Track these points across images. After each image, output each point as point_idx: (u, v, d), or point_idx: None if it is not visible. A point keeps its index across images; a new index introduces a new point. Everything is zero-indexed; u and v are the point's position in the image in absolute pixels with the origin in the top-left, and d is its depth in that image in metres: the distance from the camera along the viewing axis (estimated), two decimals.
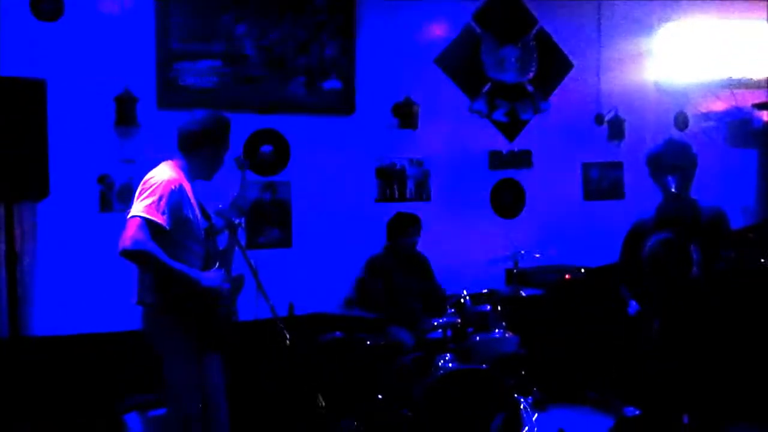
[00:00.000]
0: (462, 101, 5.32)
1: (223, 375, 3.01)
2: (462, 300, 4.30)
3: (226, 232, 3.16)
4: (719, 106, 6.31)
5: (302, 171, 4.78)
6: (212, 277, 2.88)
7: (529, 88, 5.50)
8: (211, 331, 2.89)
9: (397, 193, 5.07)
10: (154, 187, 2.80)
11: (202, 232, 2.97)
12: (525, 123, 5.52)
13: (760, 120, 6.51)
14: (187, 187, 2.94)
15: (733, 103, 6.34)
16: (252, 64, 4.61)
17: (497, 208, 5.45)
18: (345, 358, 4.14)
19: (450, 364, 3.90)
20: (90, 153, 4.22)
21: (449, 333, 4.11)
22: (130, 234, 2.69)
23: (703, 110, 6.23)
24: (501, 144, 5.46)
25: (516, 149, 5.49)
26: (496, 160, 5.42)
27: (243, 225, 3.18)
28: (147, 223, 2.72)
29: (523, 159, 5.50)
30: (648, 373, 3.38)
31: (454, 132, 5.26)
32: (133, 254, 2.69)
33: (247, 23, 4.59)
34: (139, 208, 2.76)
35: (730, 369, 3.37)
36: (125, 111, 4.23)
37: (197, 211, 2.97)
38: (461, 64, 5.28)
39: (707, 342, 3.24)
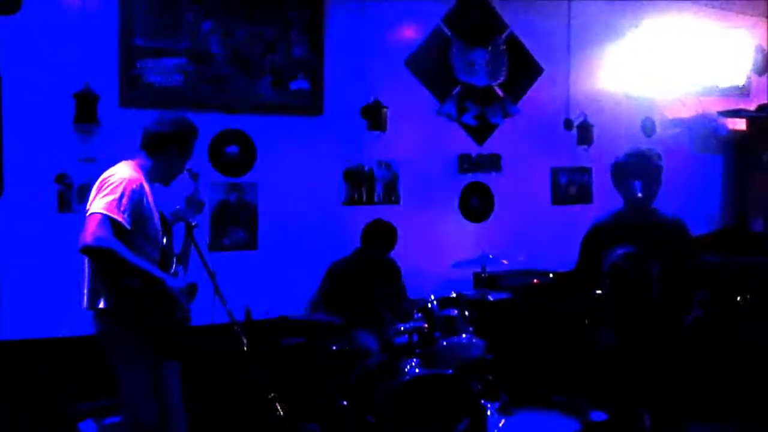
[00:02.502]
0: (431, 104, 5.30)
1: (180, 382, 2.93)
2: (429, 304, 4.26)
3: (182, 232, 3.07)
4: (686, 113, 6.40)
5: (269, 172, 4.71)
6: (174, 280, 2.79)
7: (499, 91, 5.50)
8: (166, 338, 2.81)
9: (365, 195, 5.02)
10: (114, 185, 2.72)
11: (161, 236, 2.88)
12: (494, 127, 5.52)
13: (725, 127, 6.61)
14: (147, 188, 2.86)
15: (700, 110, 6.43)
16: (218, 62, 4.52)
17: (466, 212, 5.43)
18: (309, 363, 4.08)
19: (416, 369, 3.86)
20: (48, 151, 4.08)
21: (415, 337, 4.06)
22: (91, 230, 2.60)
23: (670, 117, 6.31)
24: (470, 147, 5.45)
25: (485, 153, 5.48)
26: (466, 163, 5.41)
27: (198, 226, 3.08)
28: (108, 220, 2.63)
29: (492, 163, 5.49)
30: (609, 377, 3.39)
31: (423, 135, 5.24)
32: (95, 251, 2.60)
33: (213, 21, 4.49)
34: (100, 204, 2.67)
35: (689, 373, 3.39)
36: (85, 108, 4.10)
37: (156, 214, 2.89)
38: (431, 66, 5.26)
39: (664, 353, 3.26)
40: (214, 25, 4.50)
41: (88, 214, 2.68)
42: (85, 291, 2.81)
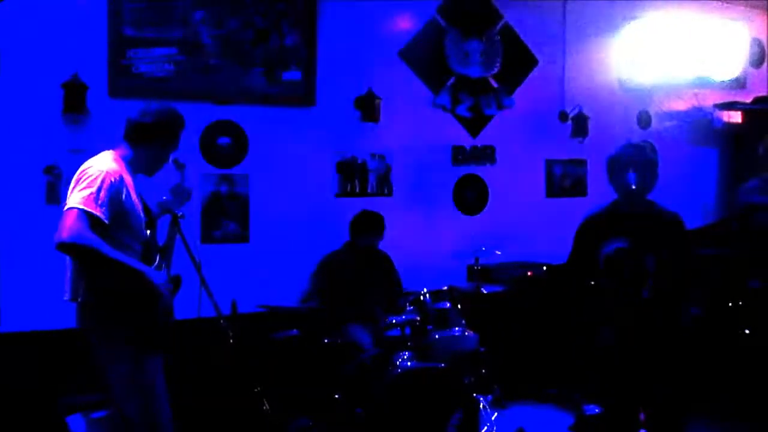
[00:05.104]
0: (425, 95, 5.25)
1: (164, 376, 2.88)
2: (422, 297, 4.23)
3: (167, 226, 3.01)
4: (681, 105, 6.36)
5: (261, 164, 4.66)
6: (157, 274, 2.74)
7: (494, 83, 5.45)
8: (150, 331, 2.76)
9: (358, 187, 4.98)
10: (92, 177, 2.66)
11: (143, 228, 2.83)
12: (489, 118, 5.47)
13: (720, 120, 6.58)
14: (128, 179, 2.80)
15: (695, 103, 6.40)
16: (209, 52, 4.47)
17: (460, 204, 5.40)
18: (302, 356, 4.04)
19: (408, 363, 3.83)
20: (36, 142, 4.02)
21: (408, 331, 4.03)
22: (67, 225, 2.54)
23: (666, 109, 6.27)
24: (464, 139, 5.41)
25: (479, 145, 5.44)
26: (459, 155, 5.37)
27: (185, 217, 3.02)
28: (85, 214, 2.58)
29: (486, 155, 5.46)
30: (604, 372, 3.37)
31: (417, 126, 5.19)
32: (71, 247, 2.54)
33: (204, 10, 4.43)
34: (76, 199, 2.60)
35: (685, 370, 3.37)
36: (74, 98, 4.04)
37: (138, 206, 2.83)
38: (425, 57, 5.21)
39: (659, 349, 3.23)
40: (204, 15, 4.44)
41: (65, 208, 2.62)
42: (67, 284, 2.76)
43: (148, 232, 2.84)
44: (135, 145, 2.88)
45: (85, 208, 2.58)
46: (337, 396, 3.83)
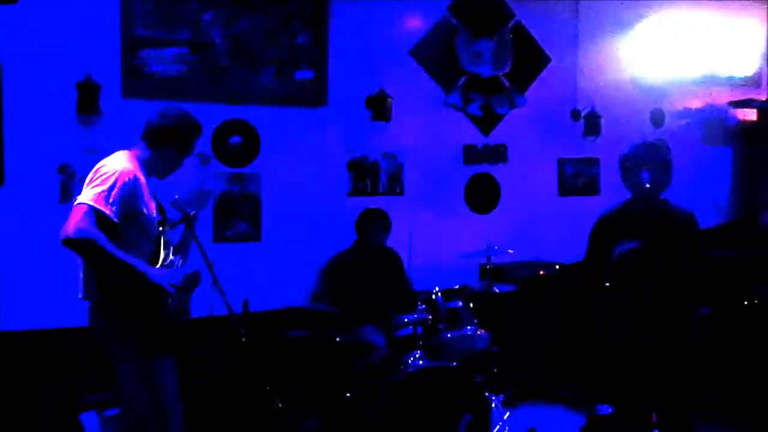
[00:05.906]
0: (437, 94, 5.24)
1: (175, 374, 2.89)
2: (433, 296, 4.22)
3: (182, 225, 3.03)
4: (695, 103, 6.31)
5: (272, 163, 4.67)
6: (160, 274, 2.74)
7: (505, 81, 5.43)
8: (160, 331, 2.77)
9: (369, 186, 4.98)
10: (106, 175, 2.68)
11: (156, 228, 2.84)
12: (500, 117, 5.45)
13: (735, 118, 6.53)
14: (142, 180, 2.82)
15: (709, 101, 6.35)
16: (220, 52, 4.48)
17: (471, 203, 5.39)
18: (313, 356, 4.05)
19: (420, 362, 3.83)
20: (50, 141, 4.06)
21: (419, 330, 4.03)
22: (74, 221, 2.56)
23: (679, 107, 6.22)
24: (476, 138, 5.39)
25: (491, 144, 5.42)
26: (471, 154, 5.35)
27: (199, 217, 3.04)
28: (94, 211, 2.59)
29: (498, 154, 5.44)
30: (616, 372, 3.36)
31: (428, 125, 5.18)
32: (75, 243, 2.55)
33: (216, 10, 4.45)
34: (87, 195, 2.63)
35: (696, 370, 3.35)
36: (87, 98, 4.08)
37: (152, 206, 2.85)
38: (436, 56, 5.19)
39: (671, 349, 3.21)
40: (216, 15, 4.46)
41: (75, 203, 2.64)
42: (80, 282, 2.78)
43: (161, 230, 2.85)
44: (150, 147, 2.90)
45: (95, 205, 2.60)
46: (347, 395, 3.83)
